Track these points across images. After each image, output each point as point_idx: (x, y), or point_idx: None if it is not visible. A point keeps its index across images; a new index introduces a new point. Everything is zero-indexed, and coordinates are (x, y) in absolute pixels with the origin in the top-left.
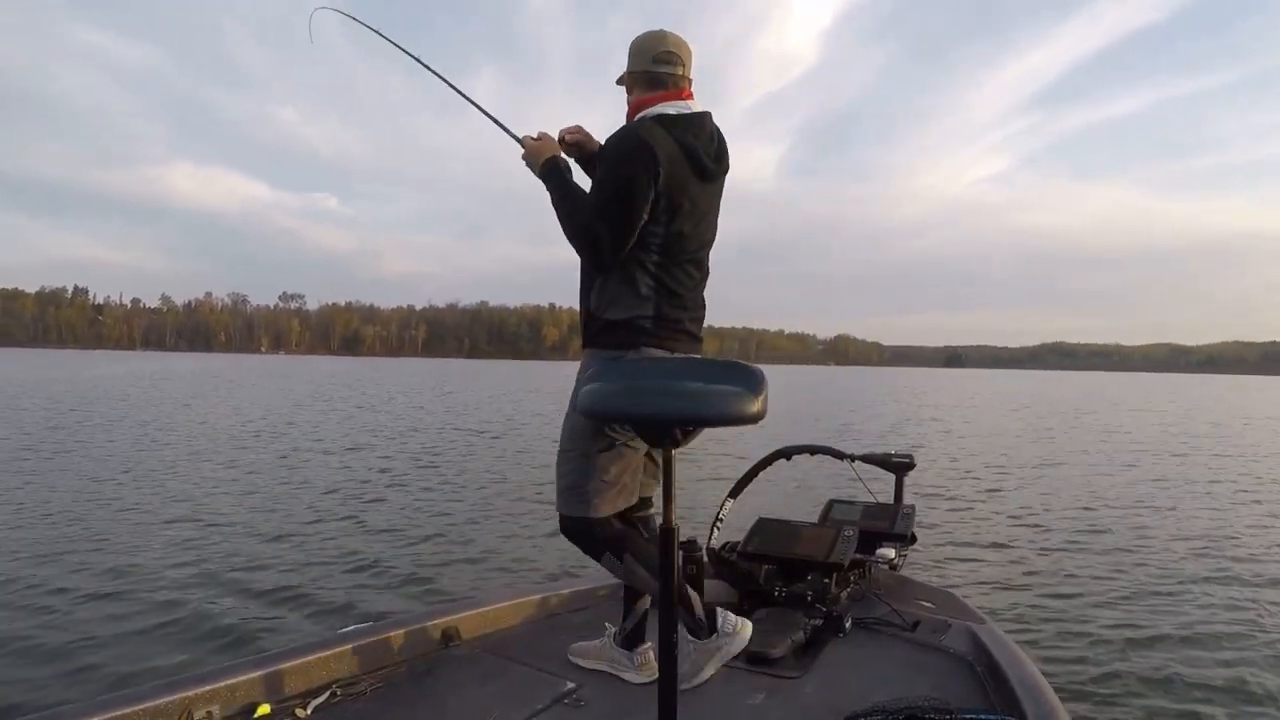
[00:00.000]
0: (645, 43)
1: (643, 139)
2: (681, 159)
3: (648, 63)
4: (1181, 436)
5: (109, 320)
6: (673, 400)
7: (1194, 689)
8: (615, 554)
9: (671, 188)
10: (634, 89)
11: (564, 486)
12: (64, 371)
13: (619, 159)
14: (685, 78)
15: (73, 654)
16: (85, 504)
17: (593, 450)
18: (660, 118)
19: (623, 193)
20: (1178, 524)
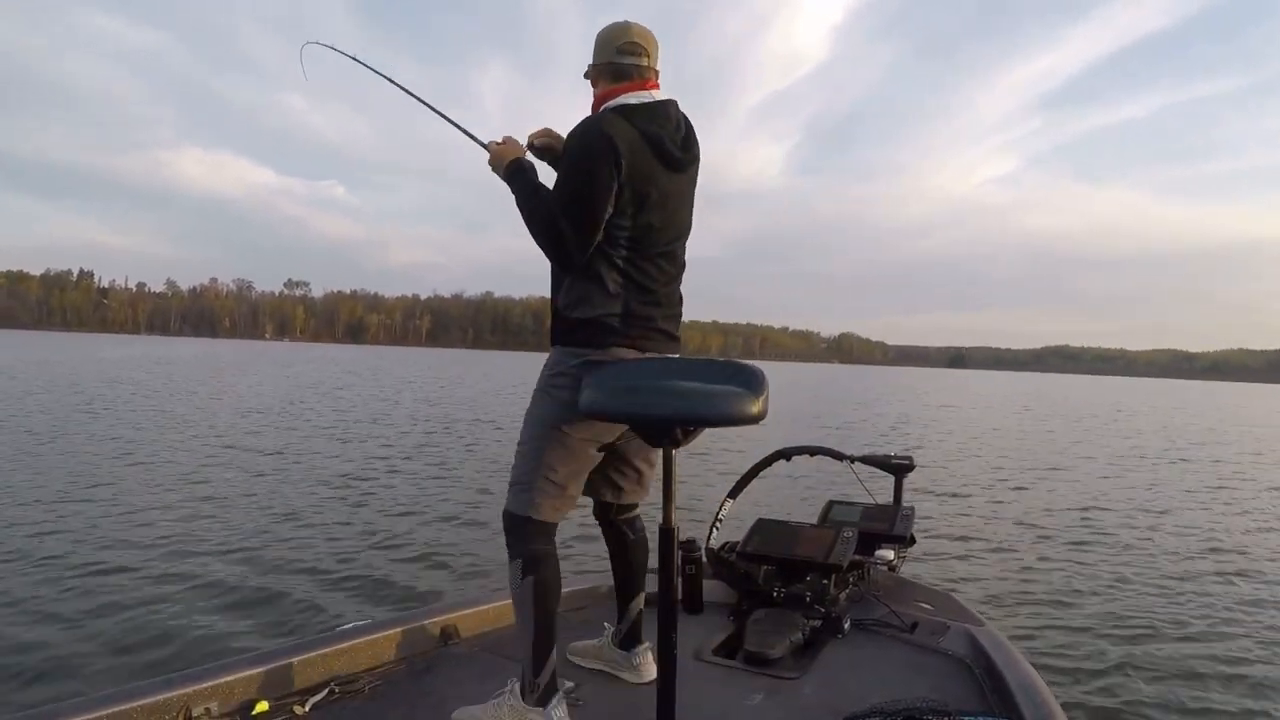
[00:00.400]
0: (609, 34)
1: (601, 130)
2: (645, 148)
3: (611, 54)
4: (1182, 442)
5: (114, 304)
6: (674, 400)
7: (1192, 692)
8: (525, 569)
9: (636, 179)
10: (599, 81)
11: (512, 480)
12: (66, 355)
13: (578, 153)
14: (651, 69)
15: (72, 651)
16: (85, 502)
17: (544, 447)
18: (621, 108)
19: (584, 187)
20: (1177, 528)
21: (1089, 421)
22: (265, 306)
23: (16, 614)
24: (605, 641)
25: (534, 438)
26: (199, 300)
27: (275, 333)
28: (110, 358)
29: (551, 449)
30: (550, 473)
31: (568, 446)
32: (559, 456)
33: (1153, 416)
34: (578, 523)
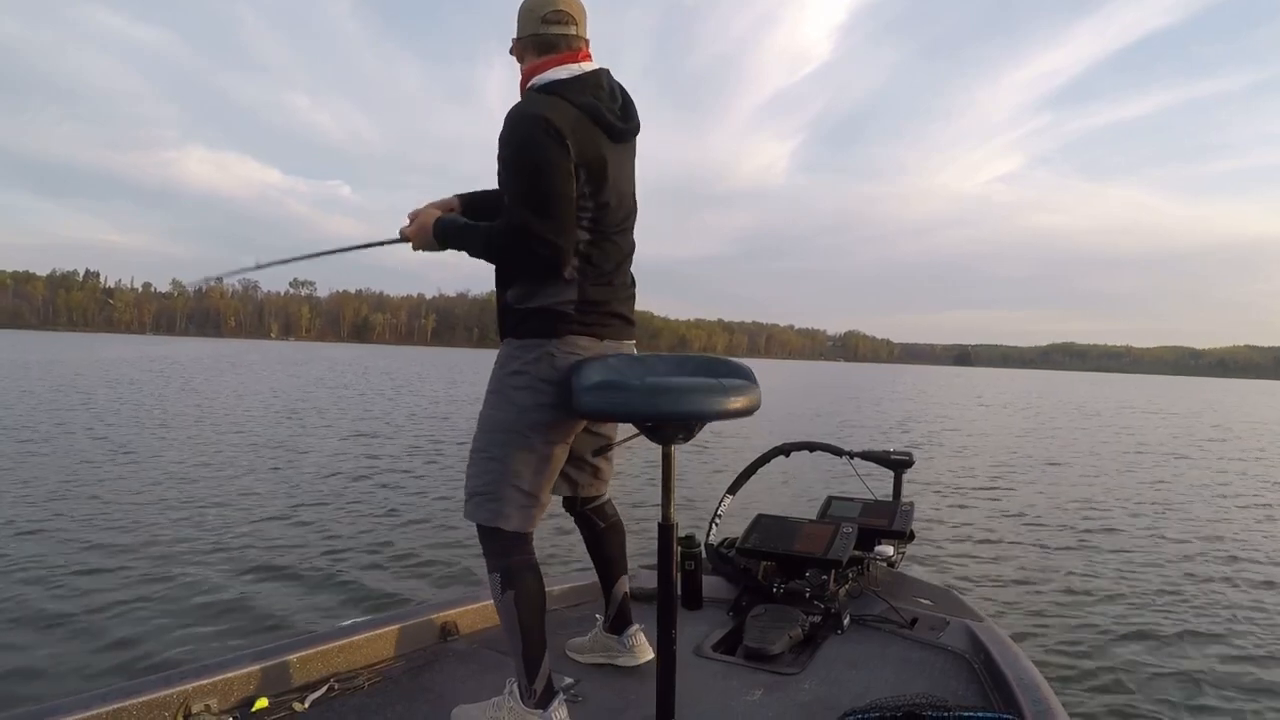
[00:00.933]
0: (533, 4)
1: (535, 114)
2: (586, 122)
3: (536, 25)
4: (1186, 439)
5: (120, 304)
6: (674, 397)
7: (1192, 686)
8: (504, 583)
9: (587, 156)
10: (525, 56)
11: (472, 490)
12: (70, 354)
13: (518, 145)
14: (580, 37)
15: (70, 647)
16: (84, 501)
17: (508, 454)
18: (550, 85)
19: (540, 177)
20: (1178, 524)
21: (1091, 419)
22: (270, 306)
23: (16, 613)
24: (597, 632)
25: (495, 444)
26: (204, 300)
27: (280, 332)
28: (109, 357)
29: (517, 455)
30: (517, 480)
31: (534, 450)
32: (525, 462)
33: (1156, 413)
34: (572, 522)
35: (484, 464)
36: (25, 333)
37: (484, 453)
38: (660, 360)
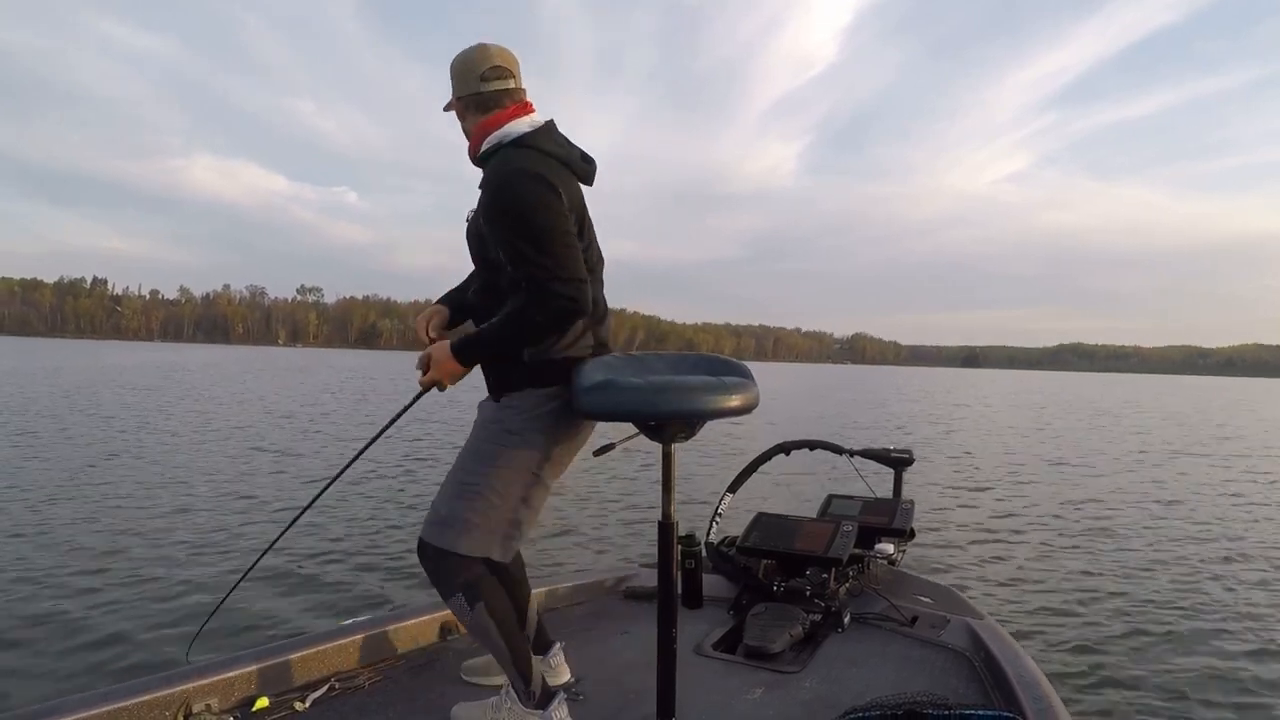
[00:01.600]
0: (467, 62)
1: (528, 170)
2: (565, 172)
3: (476, 84)
4: (1190, 438)
5: (127, 311)
6: (677, 395)
7: (1193, 684)
8: (470, 599)
9: (574, 205)
10: (466, 115)
11: (446, 515)
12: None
13: (522, 204)
14: (520, 89)
15: (71, 646)
16: (86, 499)
17: (518, 490)
18: (520, 139)
19: (551, 229)
20: (1180, 522)
21: (1096, 418)
22: (278, 312)
23: (16, 612)
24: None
25: (501, 481)
26: (212, 307)
27: (288, 339)
28: (116, 364)
29: (532, 492)
30: (518, 514)
31: (545, 488)
32: (535, 498)
33: (1163, 412)
34: (573, 521)
35: (480, 498)
36: (33, 340)
37: (481, 487)
38: (659, 359)
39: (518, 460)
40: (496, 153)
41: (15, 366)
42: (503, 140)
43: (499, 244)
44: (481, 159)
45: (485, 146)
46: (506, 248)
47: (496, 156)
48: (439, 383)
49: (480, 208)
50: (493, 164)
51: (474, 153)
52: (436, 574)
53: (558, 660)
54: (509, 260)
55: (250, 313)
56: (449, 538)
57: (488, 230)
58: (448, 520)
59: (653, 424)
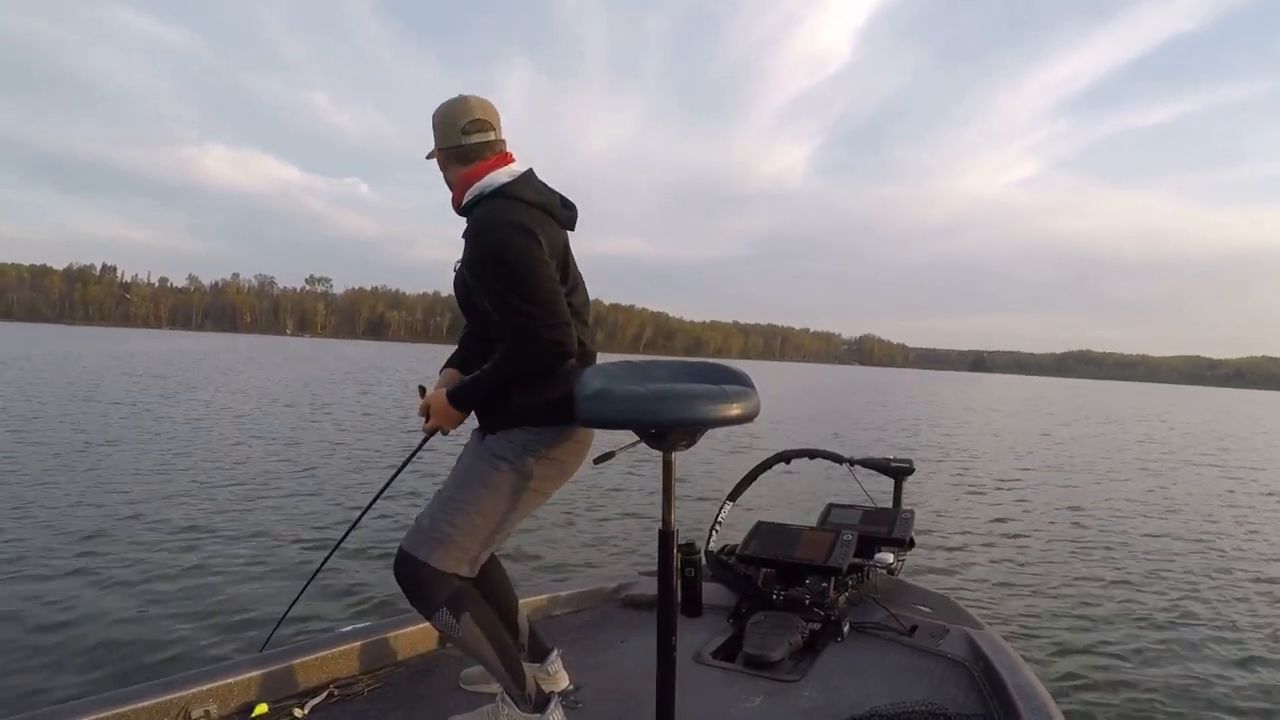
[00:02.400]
0: (448, 116)
1: (508, 220)
2: (546, 219)
3: (457, 137)
4: (1192, 448)
5: (136, 299)
6: (677, 404)
7: (1192, 695)
8: (453, 612)
9: (555, 251)
10: (448, 166)
11: (428, 527)
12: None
13: (502, 253)
14: (500, 140)
15: (70, 651)
16: (86, 499)
17: (501, 513)
18: (500, 190)
19: (531, 275)
20: (1179, 534)
21: (1100, 427)
22: (286, 302)
23: (15, 616)
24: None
25: (492, 503)
26: (220, 296)
27: (296, 329)
28: (124, 351)
29: (509, 516)
30: (496, 534)
31: (524, 514)
32: (511, 522)
33: (1168, 423)
34: (573, 529)
35: (464, 515)
36: (42, 326)
37: (467, 506)
38: (659, 367)
39: (505, 485)
40: (479, 204)
41: (27, 352)
42: (484, 191)
43: (484, 293)
44: (465, 210)
45: (468, 198)
46: (492, 296)
47: (479, 207)
48: (441, 428)
49: (464, 258)
50: (475, 215)
51: (457, 204)
52: (414, 590)
53: (556, 668)
54: (495, 309)
55: (258, 302)
56: (426, 549)
57: (472, 280)
58: (429, 531)
59: (653, 432)
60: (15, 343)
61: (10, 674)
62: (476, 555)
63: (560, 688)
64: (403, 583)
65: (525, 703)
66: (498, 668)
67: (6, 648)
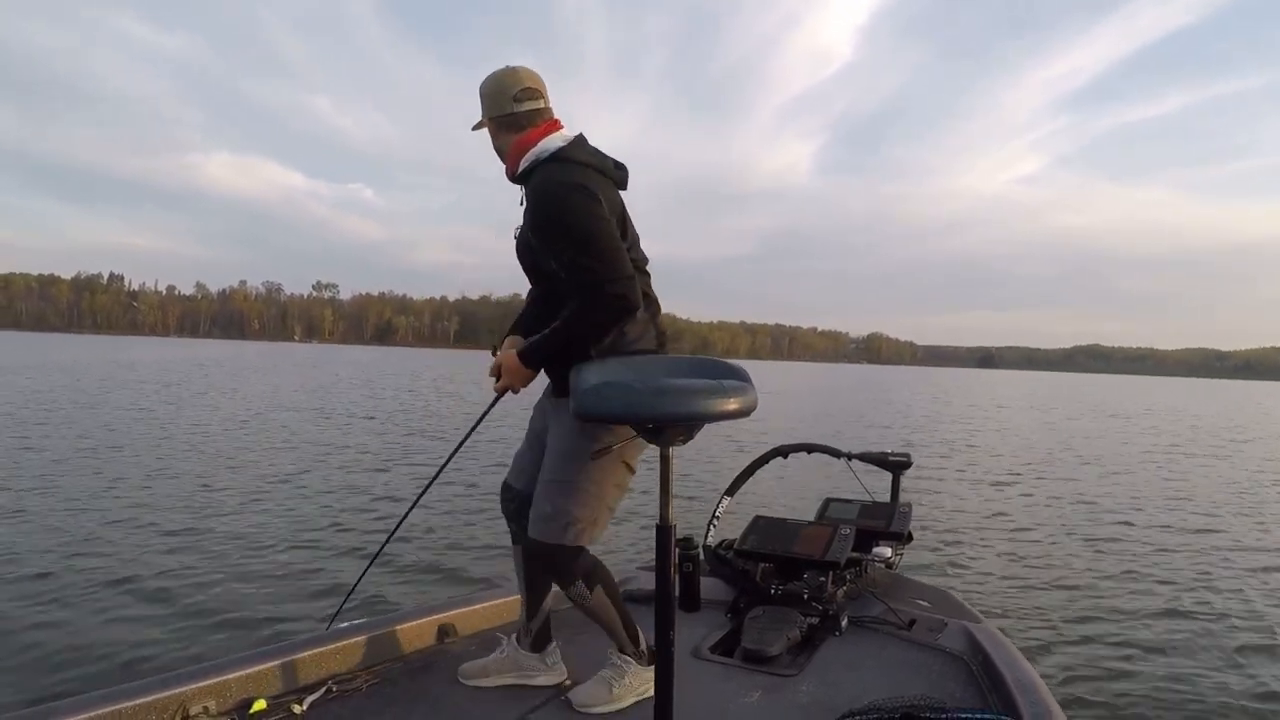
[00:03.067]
0: (499, 84)
1: (570, 181)
2: (603, 179)
3: (509, 104)
4: (1195, 440)
5: (144, 307)
6: (677, 398)
7: (1191, 688)
8: (588, 584)
9: (614, 209)
10: (499, 134)
11: (551, 512)
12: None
13: (566, 214)
14: (549, 108)
15: (69, 649)
16: (88, 500)
17: (606, 485)
18: (557, 154)
19: (596, 233)
20: (1179, 526)
21: (1105, 420)
22: (294, 309)
23: (15, 614)
24: (509, 651)
25: (601, 473)
26: (228, 303)
27: (304, 335)
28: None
29: (622, 479)
30: (610, 506)
31: (632, 470)
32: (626, 482)
33: (1173, 415)
34: None
35: (581, 492)
36: (50, 335)
37: (579, 481)
38: (656, 361)
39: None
40: (535, 170)
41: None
42: (540, 156)
43: (550, 254)
44: (520, 176)
45: (524, 165)
46: (558, 257)
47: (536, 173)
48: (512, 387)
49: (527, 223)
50: (534, 180)
51: (512, 171)
52: (552, 568)
53: (554, 659)
54: (562, 268)
55: (266, 308)
56: (555, 533)
57: (537, 243)
58: (553, 517)
59: (651, 426)
60: (27, 351)
61: (11, 672)
62: (602, 524)
63: (558, 680)
64: (541, 565)
65: (641, 658)
66: (619, 629)
67: (6, 645)
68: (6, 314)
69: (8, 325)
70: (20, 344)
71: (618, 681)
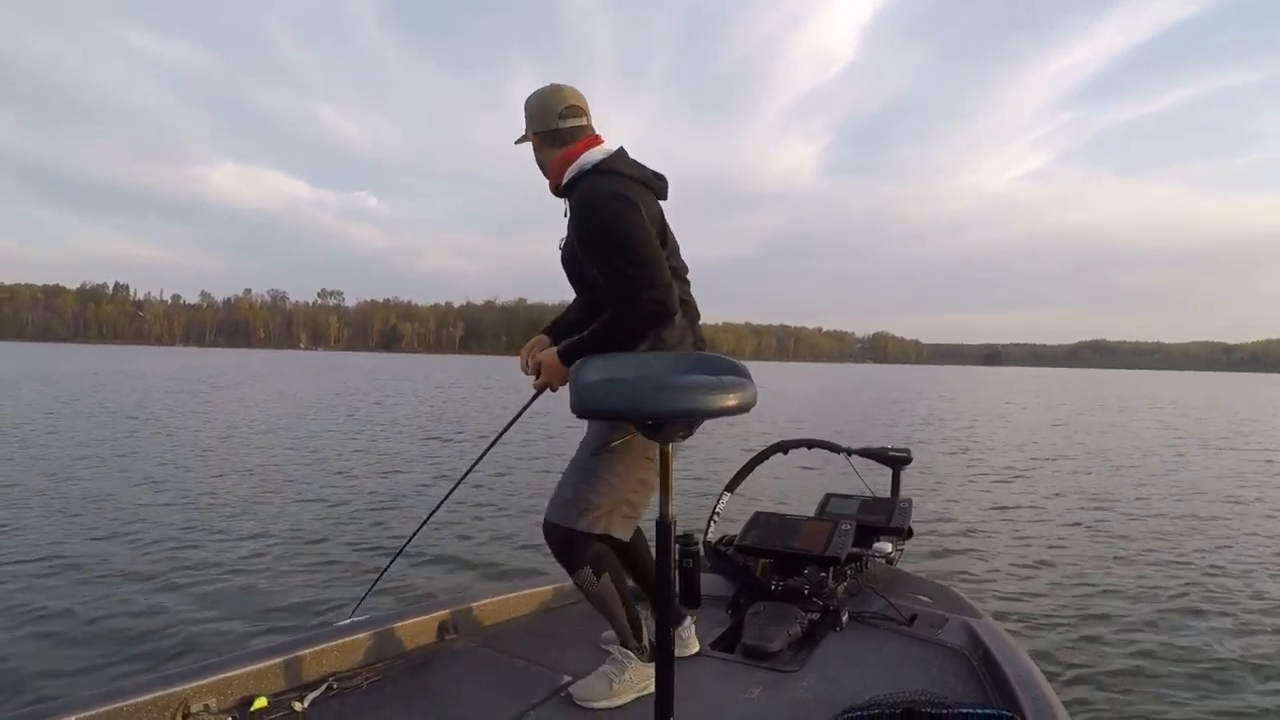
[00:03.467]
0: (545, 100)
1: (611, 192)
2: (643, 190)
3: (554, 120)
4: (1197, 434)
5: (149, 316)
6: (676, 394)
7: (1192, 683)
8: (595, 572)
9: (654, 219)
10: (542, 149)
11: (570, 497)
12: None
13: (608, 222)
14: (590, 125)
15: (69, 646)
16: (87, 504)
17: (629, 481)
18: (599, 165)
19: (635, 241)
20: (1181, 521)
21: (1104, 415)
22: (299, 316)
23: (14, 612)
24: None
25: (624, 465)
26: (233, 311)
27: (309, 342)
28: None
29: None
30: (637, 495)
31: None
32: (651, 479)
33: (1177, 409)
34: None
35: (601, 481)
36: (56, 345)
37: (601, 471)
38: (655, 358)
39: (633, 446)
40: (578, 182)
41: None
42: (583, 169)
43: (593, 263)
44: (564, 190)
45: (567, 177)
46: (601, 265)
47: (580, 185)
48: (550, 384)
49: (571, 233)
50: (578, 192)
51: (555, 184)
52: (562, 551)
53: (686, 633)
54: (603, 276)
55: (271, 316)
56: (571, 517)
57: (581, 252)
58: (571, 501)
59: (650, 423)
60: (38, 362)
61: (12, 670)
62: (623, 516)
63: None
64: (554, 547)
65: (643, 653)
66: (621, 622)
67: (8, 643)
68: (12, 324)
69: (12, 336)
70: (29, 355)
71: (618, 677)
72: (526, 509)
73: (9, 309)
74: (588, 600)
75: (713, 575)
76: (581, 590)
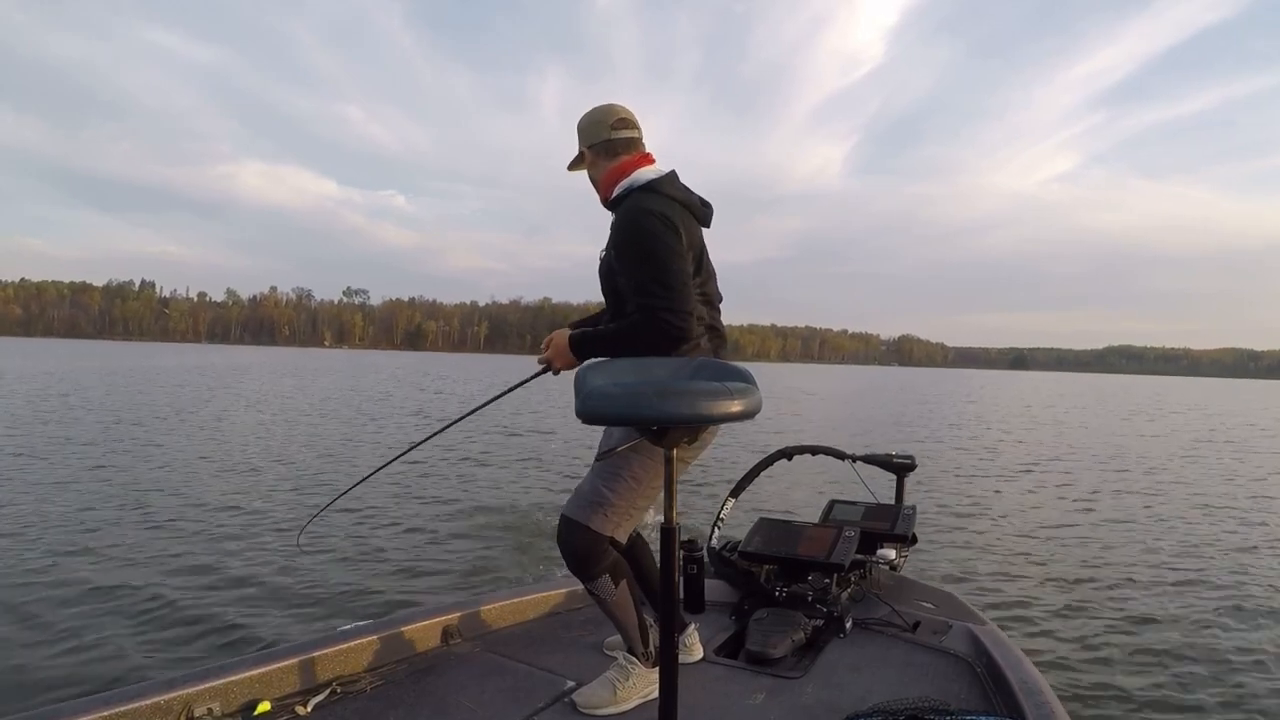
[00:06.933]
0: (596, 116)
1: (653, 210)
2: (687, 214)
3: (606, 132)
4: (1208, 443)
5: (175, 314)
6: (682, 400)
7: (1196, 692)
8: (614, 580)
9: (693, 242)
10: (596, 163)
11: (589, 493)
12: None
13: (643, 238)
14: (641, 140)
15: (73, 650)
16: (91, 501)
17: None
18: (648, 184)
19: (666, 260)
20: (1184, 529)
21: (1117, 421)
22: (324, 315)
23: (20, 616)
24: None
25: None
26: (259, 309)
27: (334, 341)
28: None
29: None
30: (644, 501)
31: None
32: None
33: (1192, 416)
34: None
35: (622, 481)
36: (82, 342)
37: (623, 472)
38: (659, 364)
39: (652, 450)
40: (627, 196)
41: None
42: (633, 185)
43: (625, 274)
44: (614, 203)
45: (617, 191)
46: (630, 277)
47: (628, 199)
48: (552, 364)
49: (611, 244)
50: (624, 205)
51: (605, 197)
52: (577, 557)
53: (689, 640)
54: (631, 288)
55: (296, 315)
56: (587, 513)
57: (617, 263)
58: (589, 496)
59: (655, 429)
60: (70, 357)
61: (16, 673)
62: (633, 520)
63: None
64: (566, 548)
65: (648, 659)
66: (632, 629)
67: (12, 647)
68: (39, 321)
69: (39, 332)
70: (55, 350)
71: (622, 683)
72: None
73: (36, 306)
74: (600, 607)
75: (716, 581)
76: (595, 597)
